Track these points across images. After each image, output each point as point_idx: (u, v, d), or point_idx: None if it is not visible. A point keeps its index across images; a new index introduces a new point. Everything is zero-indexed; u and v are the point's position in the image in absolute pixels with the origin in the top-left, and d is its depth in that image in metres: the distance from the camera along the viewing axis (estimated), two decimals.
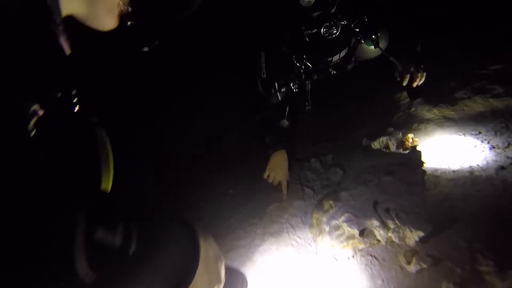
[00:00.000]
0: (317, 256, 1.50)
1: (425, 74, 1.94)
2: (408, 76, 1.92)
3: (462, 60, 2.43)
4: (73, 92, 0.59)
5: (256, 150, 2.57)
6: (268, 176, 2.01)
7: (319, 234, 1.52)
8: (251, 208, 1.99)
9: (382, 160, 1.70)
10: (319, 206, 1.64)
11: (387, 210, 1.40)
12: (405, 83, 1.95)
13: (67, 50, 0.58)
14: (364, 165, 1.73)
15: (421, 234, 1.27)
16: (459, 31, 2.53)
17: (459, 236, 1.36)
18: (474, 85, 2.23)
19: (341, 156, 2.21)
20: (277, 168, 2.01)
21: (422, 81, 1.95)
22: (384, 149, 1.97)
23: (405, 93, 2.31)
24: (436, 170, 1.73)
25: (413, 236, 1.28)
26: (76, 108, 0.60)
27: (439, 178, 1.71)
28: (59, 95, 0.56)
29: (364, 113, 2.50)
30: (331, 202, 1.57)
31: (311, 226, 1.65)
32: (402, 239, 1.30)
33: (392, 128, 2.23)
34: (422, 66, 1.92)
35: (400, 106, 2.40)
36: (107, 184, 0.61)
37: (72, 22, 0.64)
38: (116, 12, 0.65)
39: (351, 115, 2.54)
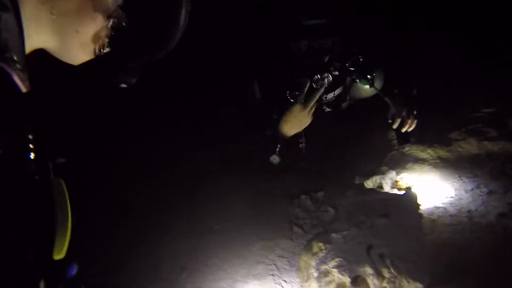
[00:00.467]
0: None
1: (416, 121, 1.92)
2: (399, 120, 1.89)
3: (456, 102, 2.43)
4: (29, 136, 0.49)
5: (247, 183, 2.48)
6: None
7: (307, 280, 1.38)
8: (236, 246, 1.85)
9: (376, 201, 1.61)
10: (308, 247, 1.51)
11: (382, 256, 1.28)
12: (395, 126, 1.92)
13: (24, 88, 0.50)
14: (357, 205, 1.63)
15: (419, 286, 1.14)
16: (453, 72, 2.55)
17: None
18: (468, 127, 2.20)
19: (333, 194, 2.11)
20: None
21: (412, 128, 1.92)
22: (378, 189, 1.88)
23: (393, 134, 2.29)
24: (432, 213, 1.64)
25: (409, 287, 1.16)
26: (32, 155, 0.49)
27: (436, 223, 1.61)
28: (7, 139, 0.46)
29: (357, 150, 2.45)
30: (320, 244, 1.44)
31: (298, 269, 1.51)
32: None
33: (386, 167, 2.17)
34: (414, 112, 1.90)
35: (394, 145, 2.35)
36: (61, 250, 0.49)
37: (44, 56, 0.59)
38: (90, 48, 0.60)
39: (344, 152, 2.48)
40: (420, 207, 1.52)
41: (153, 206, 2.41)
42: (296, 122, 1.88)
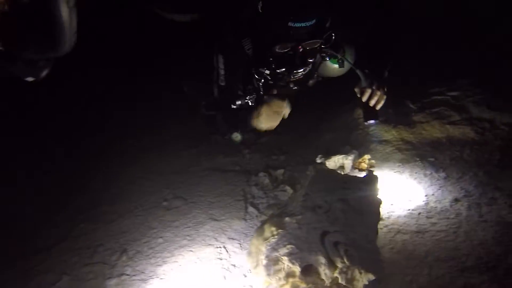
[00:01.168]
0: None
1: (385, 97, 1.78)
2: (368, 92, 1.76)
3: (423, 84, 2.36)
4: None
5: (205, 157, 2.31)
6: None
7: (256, 266, 1.27)
8: (184, 226, 1.70)
9: (335, 183, 1.51)
10: (260, 231, 1.40)
11: (336, 245, 1.19)
12: (364, 99, 1.77)
13: None
14: (316, 187, 1.52)
15: (372, 277, 1.07)
16: (422, 54, 2.47)
17: (413, 278, 1.19)
18: (432, 109, 2.15)
19: (293, 172, 2.02)
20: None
21: (380, 103, 1.79)
22: (339, 170, 1.79)
23: (360, 112, 2.18)
24: (391, 198, 1.59)
25: (362, 279, 1.08)
26: None
27: (394, 207, 1.56)
28: None
29: (321, 129, 2.34)
30: (273, 228, 1.33)
31: (249, 254, 1.40)
32: (349, 281, 1.09)
33: (349, 147, 2.09)
34: (385, 88, 1.78)
35: (359, 124, 2.26)
36: None
37: None
38: None
39: (308, 130, 2.37)
40: (379, 191, 1.44)
41: (97, 181, 2.19)
42: (272, 116, 1.74)
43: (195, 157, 2.36)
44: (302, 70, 1.69)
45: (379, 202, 1.37)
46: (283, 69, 1.66)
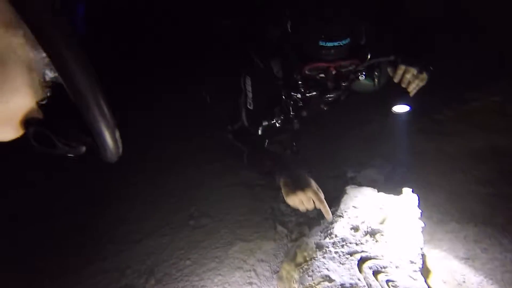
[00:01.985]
0: None
1: (425, 80, 1.46)
2: (402, 69, 1.44)
3: (459, 87, 2.22)
4: None
5: (229, 171, 2.26)
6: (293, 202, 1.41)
7: None
8: (212, 246, 1.66)
9: (371, 201, 1.42)
10: (291, 255, 1.32)
11: (375, 273, 1.10)
12: (397, 78, 1.47)
13: None
14: (349, 204, 1.43)
15: None
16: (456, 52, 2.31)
17: None
18: (472, 116, 2.01)
19: (323, 187, 1.93)
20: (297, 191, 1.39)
21: (416, 86, 1.47)
22: (372, 185, 1.69)
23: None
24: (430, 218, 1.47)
25: None
26: None
27: (436, 228, 1.44)
28: None
29: (349, 141, 2.24)
30: (305, 253, 1.25)
31: (279, 278, 1.33)
32: None
33: (380, 159, 1.98)
34: (427, 72, 1.46)
35: (391, 133, 2.14)
36: None
37: None
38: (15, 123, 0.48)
39: (336, 143, 2.27)
40: (419, 212, 1.33)
41: (121, 198, 2.19)
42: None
43: (219, 171, 2.31)
44: (334, 94, 1.54)
45: (420, 225, 1.26)
46: (314, 93, 1.54)
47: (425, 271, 1.20)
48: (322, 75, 1.47)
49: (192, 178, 2.28)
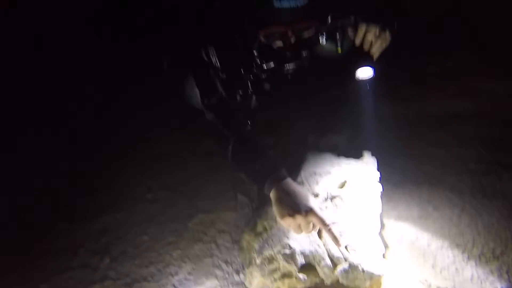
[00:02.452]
0: None
1: (388, 40, 1.35)
2: (363, 29, 1.32)
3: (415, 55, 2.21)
4: None
5: (189, 140, 2.16)
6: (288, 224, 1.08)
7: (249, 265, 1.18)
8: (170, 219, 1.59)
9: (331, 167, 1.40)
10: (251, 225, 1.29)
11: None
12: (358, 39, 1.34)
13: None
14: (310, 171, 1.40)
15: (375, 275, 0.99)
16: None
17: (416, 270, 1.11)
18: (426, 82, 2.03)
19: (285, 156, 1.89)
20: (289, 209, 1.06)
21: (379, 46, 1.34)
22: (333, 151, 1.68)
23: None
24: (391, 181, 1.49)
25: (365, 278, 0.99)
26: None
27: (395, 191, 1.47)
28: None
29: (312, 107, 2.19)
30: (265, 223, 1.23)
31: (240, 249, 1.31)
32: (351, 281, 1.01)
33: (341, 123, 1.97)
34: (393, 26, 1.35)
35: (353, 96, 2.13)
36: None
37: None
38: None
39: (298, 109, 2.21)
40: (378, 176, 1.33)
41: (76, 169, 2.03)
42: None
43: (177, 140, 2.20)
44: (295, 64, 1.38)
45: (379, 189, 1.27)
46: (272, 65, 1.36)
47: (382, 233, 1.23)
48: (279, 43, 1.30)
49: (150, 149, 2.16)
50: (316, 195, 1.27)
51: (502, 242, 1.14)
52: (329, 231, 1.01)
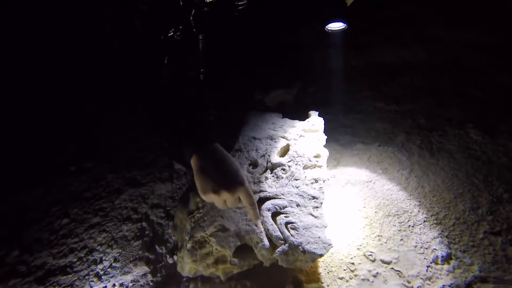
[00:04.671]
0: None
1: None
2: None
3: None
4: None
5: (122, 99, 1.87)
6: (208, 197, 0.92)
7: (180, 248, 1.04)
8: (96, 197, 1.38)
9: (273, 130, 1.24)
10: (183, 199, 1.13)
11: (273, 216, 0.97)
12: None
13: None
14: (249, 136, 1.24)
15: (317, 256, 0.89)
16: None
17: (362, 243, 1.04)
18: (382, 28, 1.87)
19: (227, 114, 1.70)
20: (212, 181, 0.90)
21: None
22: (279, 108, 1.51)
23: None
24: (338, 141, 1.38)
25: (306, 259, 0.89)
26: None
27: (341, 154, 1.37)
28: None
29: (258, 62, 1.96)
30: (198, 199, 1.07)
31: (173, 228, 1.15)
32: (291, 263, 0.90)
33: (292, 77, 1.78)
34: None
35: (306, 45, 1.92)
36: None
37: None
38: None
39: (244, 63, 1.97)
40: (324, 138, 1.20)
41: None
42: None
43: (109, 98, 1.90)
44: None
45: (325, 154, 1.14)
46: None
47: (328, 202, 1.13)
48: None
49: (78, 107, 1.85)
50: (254, 165, 1.12)
51: (445, 204, 1.09)
52: (253, 209, 0.91)
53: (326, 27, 1.22)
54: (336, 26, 1.21)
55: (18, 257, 1.18)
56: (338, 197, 1.18)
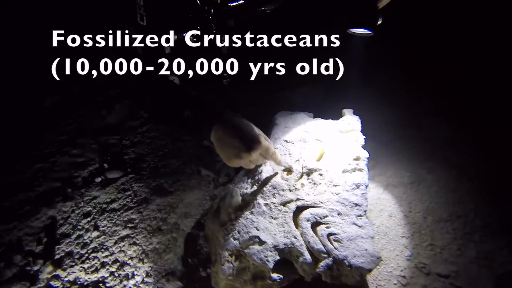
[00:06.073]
0: None
1: None
2: None
3: None
4: None
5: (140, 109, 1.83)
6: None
7: (214, 263, 0.98)
8: (124, 207, 1.34)
9: (306, 130, 1.16)
10: (213, 209, 1.07)
11: (314, 226, 0.89)
12: None
13: None
14: (281, 136, 1.16)
15: (365, 271, 0.80)
16: None
17: (413, 253, 0.94)
18: None
19: (252, 111, 1.63)
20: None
21: None
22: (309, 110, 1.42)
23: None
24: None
25: (352, 274, 0.81)
26: None
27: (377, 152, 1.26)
28: None
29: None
30: (230, 210, 1.00)
31: (205, 239, 1.10)
32: (336, 278, 0.82)
33: None
34: None
35: None
36: None
37: None
38: None
39: (270, 60, 1.89)
40: (363, 140, 1.10)
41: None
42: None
43: (132, 108, 1.87)
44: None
45: (364, 156, 1.05)
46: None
47: (370, 209, 1.03)
48: None
49: (100, 119, 1.82)
50: (289, 171, 1.04)
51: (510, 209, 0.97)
52: (275, 158, 0.99)
53: (350, 30, 1.13)
54: (361, 31, 1.11)
55: (51, 272, 1.16)
56: (380, 202, 1.09)
